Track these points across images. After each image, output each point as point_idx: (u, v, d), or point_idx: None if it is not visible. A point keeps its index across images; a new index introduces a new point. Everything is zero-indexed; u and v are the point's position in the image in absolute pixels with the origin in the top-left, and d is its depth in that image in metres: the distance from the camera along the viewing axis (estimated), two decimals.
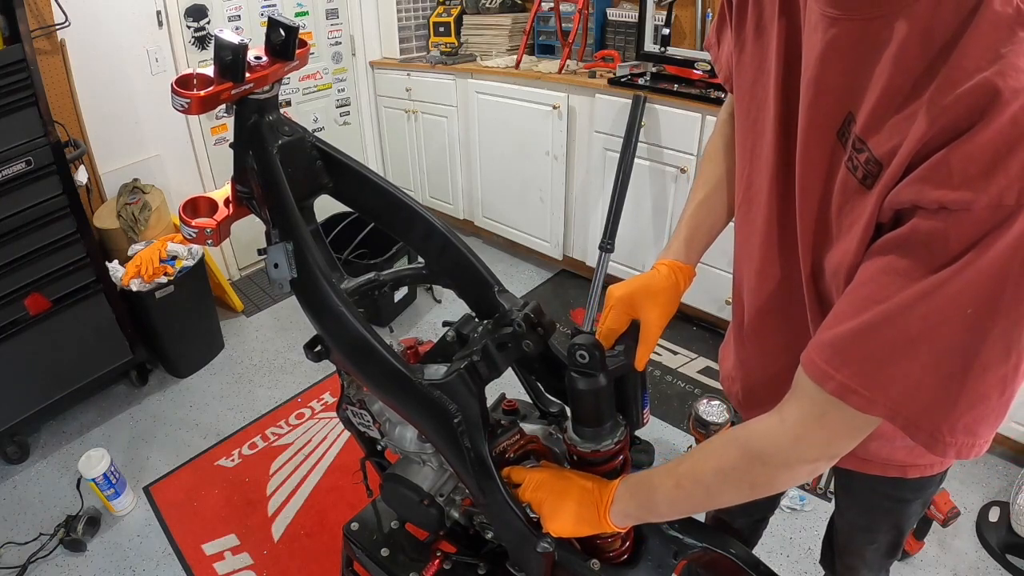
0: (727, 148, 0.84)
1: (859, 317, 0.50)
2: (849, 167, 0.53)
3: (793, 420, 0.56)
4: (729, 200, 0.84)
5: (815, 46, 0.54)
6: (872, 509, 0.90)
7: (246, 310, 2.80)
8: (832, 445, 0.56)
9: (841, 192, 0.54)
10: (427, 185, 3.41)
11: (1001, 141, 0.41)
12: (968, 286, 0.44)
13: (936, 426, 0.48)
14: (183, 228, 0.88)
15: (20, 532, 1.74)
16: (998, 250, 0.42)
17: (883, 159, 0.49)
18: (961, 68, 0.43)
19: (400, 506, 0.94)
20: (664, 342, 2.50)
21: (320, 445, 2.04)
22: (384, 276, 0.99)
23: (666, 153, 2.31)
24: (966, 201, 0.42)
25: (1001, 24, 0.42)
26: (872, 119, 0.50)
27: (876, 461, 0.79)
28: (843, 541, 1.00)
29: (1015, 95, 0.40)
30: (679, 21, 2.52)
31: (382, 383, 0.81)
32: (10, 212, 1.76)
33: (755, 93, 0.66)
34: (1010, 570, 1.58)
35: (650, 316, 0.74)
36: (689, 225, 0.83)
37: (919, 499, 0.87)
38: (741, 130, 0.71)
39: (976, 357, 0.45)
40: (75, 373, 2.05)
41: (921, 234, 0.45)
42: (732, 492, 0.62)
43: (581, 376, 0.70)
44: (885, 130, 0.49)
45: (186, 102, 0.76)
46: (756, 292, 0.74)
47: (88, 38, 2.22)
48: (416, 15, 3.33)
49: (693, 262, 0.81)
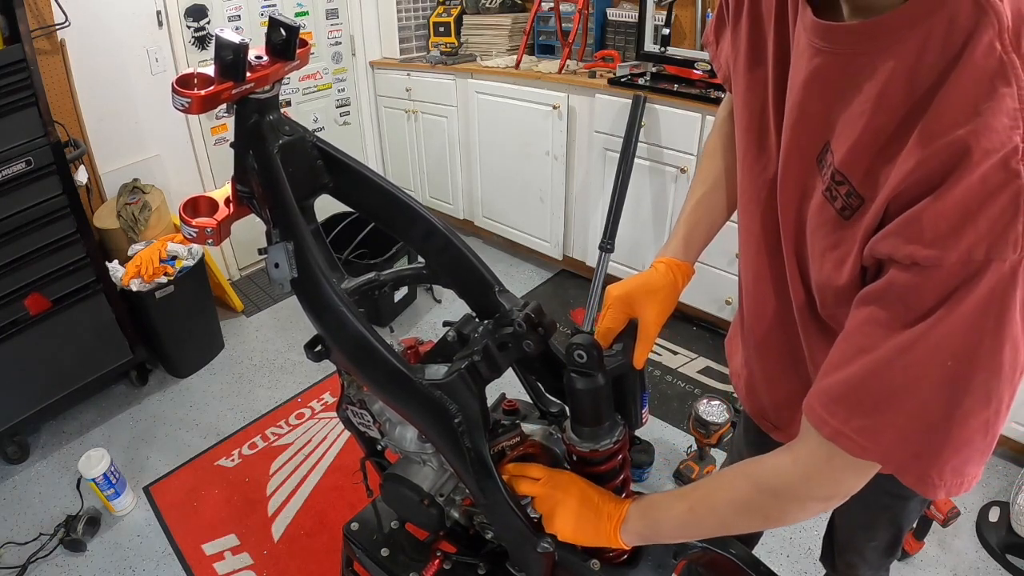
0: (726, 146, 0.84)
1: (849, 367, 0.51)
2: (827, 196, 0.54)
3: (804, 460, 0.57)
4: (728, 198, 0.84)
5: (800, 71, 0.55)
6: (872, 506, 0.90)
7: (246, 310, 2.80)
8: (841, 484, 0.57)
9: (816, 216, 0.56)
10: (427, 185, 3.41)
11: (971, 199, 0.42)
12: (944, 339, 0.45)
13: (924, 472, 0.50)
14: (183, 228, 0.88)
15: (20, 532, 1.74)
16: (970, 304, 0.43)
17: (865, 195, 0.50)
18: (940, 122, 0.43)
19: (400, 506, 0.94)
20: (664, 342, 2.50)
21: (320, 445, 2.04)
22: (384, 276, 0.99)
23: (666, 153, 2.31)
24: (937, 258, 0.43)
25: (983, 79, 0.42)
26: (853, 155, 0.50)
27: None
28: (843, 538, 1.00)
29: (986, 155, 0.41)
30: (679, 21, 2.53)
31: (382, 383, 0.81)
32: (10, 212, 1.76)
33: (748, 101, 0.66)
34: (1010, 570, 1.58)
35: (648, 314, 0.74)
36: (688, 223, 0.83)
37: (918, 496, 0.86)
38: (740, 133, 0.71)
39: (958, 406, 0.46)
40: (75, 373, 2.05)
41: (898, 287, 0.47)
42: (745, 523, 0.63)
43: (579, 376, 0.70)
44: (866, 168, 0.50)
45: (187, 101, 0.76)
46: (756, 305, 0.75)
47: (88, 38, 2.22)
48: (416, 15, 3.33)
49: (692, 260, 0.81)
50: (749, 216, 0.71)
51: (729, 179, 0.84)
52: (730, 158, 0.83)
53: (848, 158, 0.51)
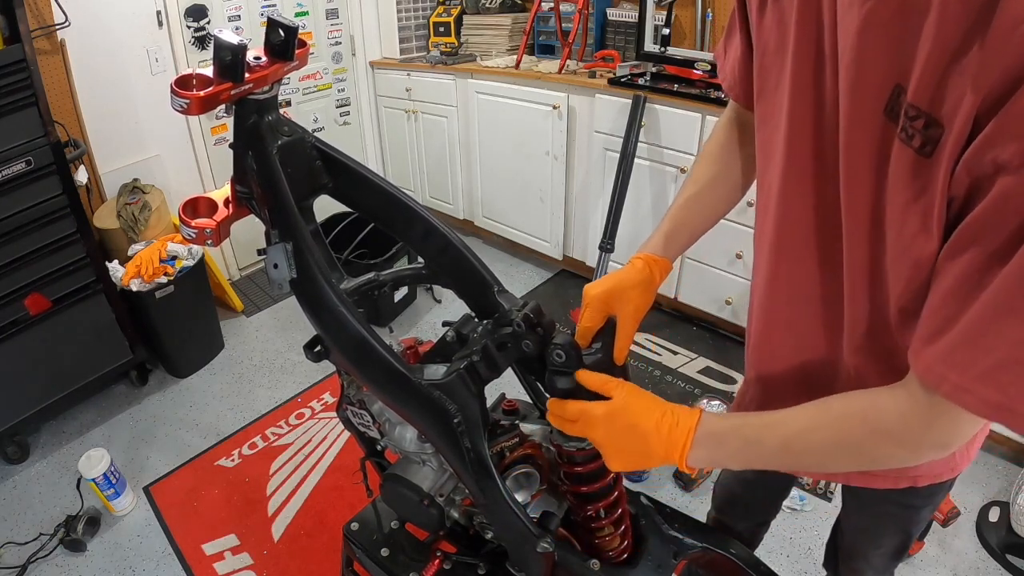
0: (722, 151, 0.83)
1: (962, 314, 0.46)
2: (903, 138, 0.50)
3: (923, 407, 0.52)
4: (719, 201, 0.83)
5: (851, 25, 0.52)
6: (881, 515, 0.89)
7: (246, 310, 2.80)
8: (963, 433, 0.53)
9: (898, 169, 0.51)
10: (427, 185, 3.41)
11: None
12: None
13: None
14: (183, 228, 0.88)
15: (20, 532, 1.74)
16: None
17: (944, 120, 0.46)
18: (1012, 11, 0.40)
19: (400, 506, 0.94)
20: (664, 342, 2.50)
21: (320, 445, 2.04)
22: (384, 276, 0.99)
23: (666, 153, 2.31)
24: None
25: None
26: (924, 81, 0.47)
27: (889, 476, 0.78)
28: (849, 544, 0.99)
29: None
30: (679, 21, 2.53)
31: (382, 383, 0.81)
32: (10, 212, 1.76)
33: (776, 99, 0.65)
34: (1010, 570, 1.58)
35: (625, 310, 0.74)
36: (673, 220, 0.82)
37: (929, 505, 0.86)
38: (762, 136, 0.69)
39: None
40: (75, 373, 2.05)
41: (1014, 197, 0.42)
42: (848, 463, 0.60)
43: (559, 375, 0.70)
44: (940, 89, 0.46)
45: (185, 102, 0.76)
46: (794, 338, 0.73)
47: (88, 38, 2.22)
48: (416, 15, 3.33)
49: (671, 257, 0.80)
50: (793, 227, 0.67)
51: (721, 183, 0.83)
52: (724, 164, 0.83)
53: (920, 86, 0.47)
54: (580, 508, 0.80)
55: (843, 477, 0.84)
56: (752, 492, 1.11)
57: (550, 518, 0.81)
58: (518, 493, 0.83)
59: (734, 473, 1.12)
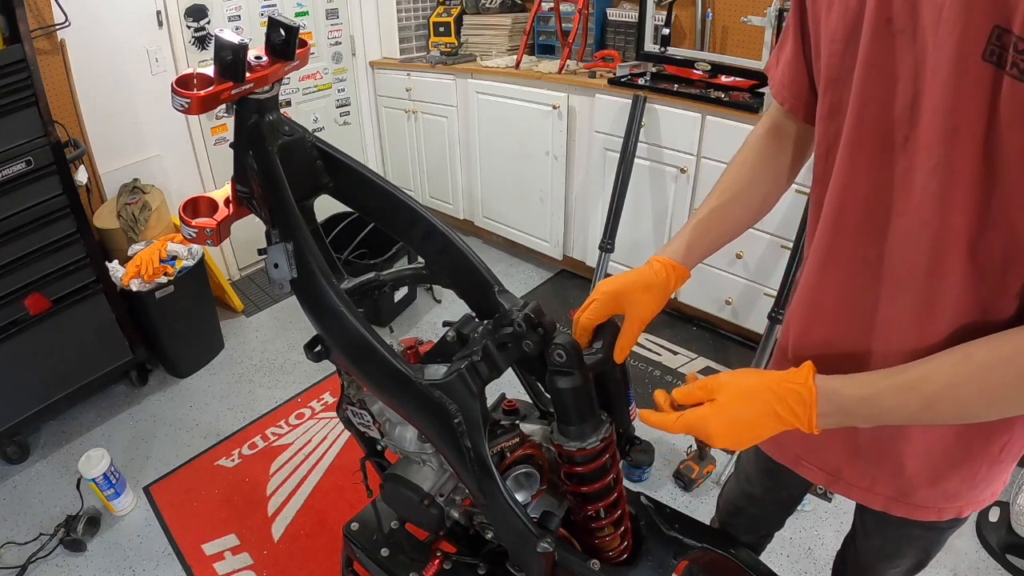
0: (756, 161, 0.82)
1: None
2: (1014, 75, 0.49)
3: None
4: (744, 213, 0.82)
5: None
6: (904, 537, 0.87)
7: (246, 310, 2.80)
8: None
9: (1013, 107, 0.50)
10: (427, 185, 3.41)
11: None
12: None
13: None
14: (183, 228, 0.88)
15: (20, 532, 1.74)
16: None
17: None
18: None
19: (400, 506, 0.94)
20: (664, 342, 2.50)
21: (320, 445, 2.04)
22: (384, 276, 0.99)
23: (666, 153, 2.31)
24: None
25: None
26: None
27: (932, 508, 0.77)
28: (864, 563, 0.97)
29: None
30: (679, 21, 2.53)
31: (382, 383, 0.81)
32: (10, 212, 1.76)
33: (844, 88, 0.63)
34: (1010, 570, 1.58)
35: (637, 310, 0.73)
36: (696, 230, 0.80)
37: (953, 528, 0.84)
38: (829, 128, 0.67)
39: None
40: (75, 373, 2.05)
41: None
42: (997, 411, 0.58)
43: (560, 375, 0.70)
44: None
45: (186, 102, 0.76)
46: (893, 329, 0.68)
47: (88, 38, 2.22)
48: (416, 15, 3.33)
49: (690, 265, 0.79)
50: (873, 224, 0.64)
51: (751, 195, 0.81)
52: (755, 174, 0.81)
53: None
54: (580, 508, 0.80)
55: (882, 504, 0.80)
56: (759, 507, 1.08)
57: (550, 518, 0.81)
58: (518, 493, 0.83)
59: (740, 488, 1.09)
